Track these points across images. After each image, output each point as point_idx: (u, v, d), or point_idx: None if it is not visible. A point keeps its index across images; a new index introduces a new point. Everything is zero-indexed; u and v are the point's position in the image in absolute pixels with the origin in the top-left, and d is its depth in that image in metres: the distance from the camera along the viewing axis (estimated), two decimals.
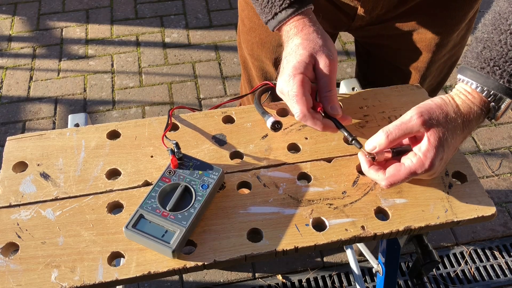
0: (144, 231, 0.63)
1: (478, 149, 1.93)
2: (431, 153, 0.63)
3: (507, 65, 0.61)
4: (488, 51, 0.63)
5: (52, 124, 2.02)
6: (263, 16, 0.76)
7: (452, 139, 0.64)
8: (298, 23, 0.73)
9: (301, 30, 0.72)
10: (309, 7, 0.74)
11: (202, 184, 0.68)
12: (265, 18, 0.75)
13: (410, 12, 0.89)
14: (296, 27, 0.73)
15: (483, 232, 1.70)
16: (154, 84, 2.18)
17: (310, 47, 0.70)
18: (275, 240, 0.65)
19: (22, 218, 0.67)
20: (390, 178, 0.65)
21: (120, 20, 2.48)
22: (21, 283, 0.61)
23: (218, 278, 1.59)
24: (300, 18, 0.73)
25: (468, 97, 0.65)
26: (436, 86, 1.08)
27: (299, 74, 0.69)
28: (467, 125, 0.65)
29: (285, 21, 0.73)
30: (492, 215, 0.69)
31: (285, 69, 0.71)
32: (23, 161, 0.74)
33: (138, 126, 0.79)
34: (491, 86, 0.63)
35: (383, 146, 0.67)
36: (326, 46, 0.71)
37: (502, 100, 0.63)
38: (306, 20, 0.73)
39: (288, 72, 0.70)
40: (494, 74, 0.62)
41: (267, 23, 0.76)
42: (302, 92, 0.68)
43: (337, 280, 1.59)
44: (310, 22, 0.73)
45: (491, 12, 0.65)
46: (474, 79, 0.64)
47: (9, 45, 2.35)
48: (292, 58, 0.71)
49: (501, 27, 0.62)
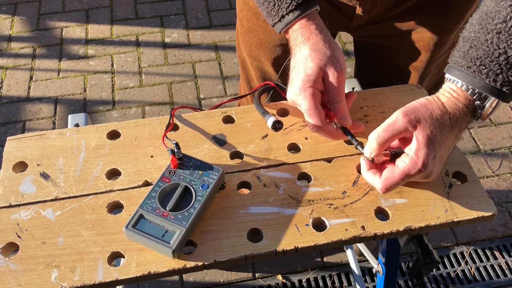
0: (144, 231, 0.63)
1: (478, 149, 1.93)
2: (422, 151, 0.63)
3: (493, 64, 0.62)
4: (474, 50, 0.63)
5: (52, 124, 2.02)
6: (270, 19, 0.76)
7: (442, 136, 0.64)
8: (305, 30, 0.73)
9: (308, 38, 0.72)
10: (315, 8, 0.74)
11: (202, 184, 0.68)
12: (272, 21, 0.76)
13: (408, 12, 0.89)
14: (303, 34, 0.73)
15: (483, 232, 1.70)
16: (154, 84, 2.18)
17: (319, 59, 0.71)
18: (275, 240, 0.65)
19: (22, 218, 0.67)
20: (385, 180, 0.66)
21: (120, 20, 2.48)
22: (21, 283, 0.61)
23: (218, 278, 1.59)
24: (306, 21, 0.73)
25: (453, 95, 0.66)
26: (434, 85, 1.08)
27: (309, 87, 0.71)
28: (455, 123, 0.66)
29: (292, 23, 0.73)
30: (492, 215, 0.69)
31: (295, 80, 0.72)
32: (23, 161, 0.74)
33: (138, 126, 0.79)
34: (477, 85, 0.63)
35: (375, 150, 0.68)
36: (334, 57, 0.72)
37: (487, 99, 0.64)
38: (313, 26, 0.73)
39: (298, 85, 0.71)
40: (480, 73, 0.63)
41: (274, 25, 0.76)
42: (314, 105, 0.70)
43: (337, 280, 1.59)
44: (317, 29, 0.73)
45: (478, 12, 0.65)
46: (460, 78, 0.65)
47: (9, 45, 2.35)
48: (301, 70, 0.72)
49: (487, 27, 0.62)
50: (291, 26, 0.74)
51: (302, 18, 0.73)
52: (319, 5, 0.75)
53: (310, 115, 0.70)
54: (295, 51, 0.74)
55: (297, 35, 0.74)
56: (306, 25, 0.73)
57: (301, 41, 0.73)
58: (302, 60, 0.72)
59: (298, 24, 0.73)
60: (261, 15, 0.96)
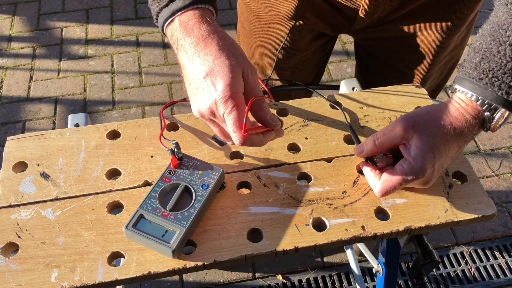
0: (144, 231, 0.63)
1: (478, 149, 1.93)
2: (420, 157, 0.63)
3: (505, 76, 0.61)
4: (486, 62, 0.62)
5: (52, 124, 2.02)
6: (155, 4, 0.63)
7: (443, 145, 0.64)
8: (199, 23, 0.60)
9: (209, 36, 0.60)
10: (209, 7, 0.63)
11: (202, 184, 0.68)
12: (157, 7, 0.63)
13: (410, 15, 0.89)
14: (198, 32, 0.60)
15: (483, 232, 1.70)
16: (154, 84, 2.18)
17: (230, 60, 0.59)
18: (275, 240, 0.65)
19: (22, 218, 0.67)
20: (382, 184, 0.66)
21: (120, 20, 2.48)
22: (21, 283, 0.61)
23: (218, 278, 1.59)
24: (200, 15, 0.61)
25: (462, 105, 0.64)
26: (436, 88, 1.08)
27: (237, 93, 0.58)
28: (460, 134, 0.64)
29: (181, 12, 0.61)
30: (492, 215, 0.69)
31: (209, 87, 0.58)
32: (23, 161, 0.74)
33: (138, 126, 0.79)
34: (488, 97, 0.62)
35: (370, 151, 0.68)
36: (243, 57, 0.62)
37: (497, 110, 0.63)
38: (207, 20, 0.61)
39: (219, 92, 0.58)
40: (492, 85, 0.62)
41: (157, 14, 0.64)
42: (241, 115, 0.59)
43: (337, 280, 1.59)
44: (213, 27, 0.61)
45: (490, 23, 0.64)
46: (472, 89, 0.63)
47: (9, 45, 2.35)
48: (218, 75, 0.58)
49: (499, 38, 0.61)
50: (178, 16, 0.61)
51: (194, 9, 0.61)
52: (215, 12, 0.65)
53: (238, 126, 0.59)
54: (189, 50, 0.60)
55: (185, 34, 0.61)
56: (199, 21, 0.61)
57: (196, 39, 0.60)
58: (209, 62, 0.59)
59: (187, 17, 0.61)
60: (262, 18, 0.96)
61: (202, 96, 0.60)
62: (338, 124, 0.80)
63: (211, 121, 0.63)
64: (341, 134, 0.78)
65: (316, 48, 1.03)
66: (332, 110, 0.82)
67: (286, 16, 0.92)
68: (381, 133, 0.68)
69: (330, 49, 1.09)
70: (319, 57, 1.08)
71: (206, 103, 0.59)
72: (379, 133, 0.68)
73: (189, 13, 0.61)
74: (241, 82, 0.60)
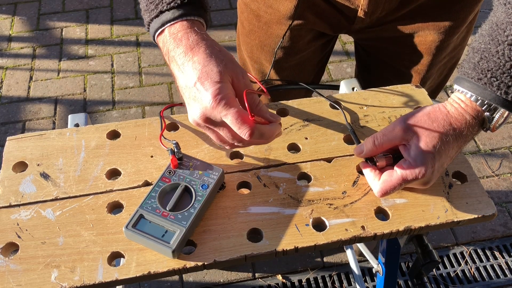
0: (144, 231, 0.63)
1: (478, 149, 1.93)
2: (420, 157, 0.63)
3: (504, 76, 0.61)
4: (485, 62, 0.62)
5: (52, 124, 2.02)
6: (147, 14, 0.65)
7: (443, 146, 0.64)
8: (188, 33, 0.61)
9: (197, 44, 0.60)
10: (198, 19, 0.64)
11: (202, 184, 0.68)
12: (149, 17, 0.64)
13: (410, 15, 0.89)
14: (186, 43, 0.60)
15: (483, 232, 1.70)
16: (154, 84, 2.18)
17: (218, 67, 0.60)
18: (275, 240, 0.65)
19: (22, 218, 0.67)
20: (382, 184, 0.66)
21: (120, 20, 2.48)
22: (21, 283, 0.61)
23: (218, 278, 1.59)
24: (188, 26, 0.62)
25: (461, 106, 0.64)
26: (436, 88, 1.08)
27: (229, 97, 0.59)
28: (459, 134, 0.64)
29: (170, 24, 0.62)
30: (492, 215, 0.69)
31: (204, 94, 0.58)
32: (23, 161, 0.74)
33: (138, 126, 0.79)
34: (487, 97, 0.62)
35: (369, 151, 0.68)
36: (232, 62, 0.62)
37: (496, 110, 0.63)
38: (195, 29, 0.62)
39: (209, 99, 0.58)
40: (491, 85, 0.61)
41: (149, 24, 0.65)
42: (239, 112, 0.59)
43: (337, 280, 1.59)
44: (201, 36, 0.62)
45: (488, 23, 0.64)
46: (471, 89, 0.63)
47: (9, 45, 2.35)
48: (207, 82, 0.58)
49: (498, 38, 0.61)
50: (169, 27, 0.62)
51: (183, 21, 0.62)
52: (206, 24, 0.66)
53: (243, 120, 0.59)
54: (180, 60, 0.61)
55: (178, 43, 0.61)
56: (188, 32, 0.61)
57: (188, 47, 0.61)
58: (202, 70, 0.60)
59: (177, 27, 0.62)
60: (262, 17, 0.96)
61: (194, 104, 0.60)
62: (338, 124, 0.80)
63: (207, 128, 0.63)
64: (341, 134, 0.78)
65: (316, 48, 1.03)
66: (332, 110, 0.82)
67: (285, 16, 0.92)
68: (381, 133, 0.68)
69: (330, 49, 1.09)
70: (319, 57, 1.08)
71: (198, 111, 0.60)
72: (379, 133, 0.68)
73: (178, 24, 0.63)
74: (230, 87, 0.60)
